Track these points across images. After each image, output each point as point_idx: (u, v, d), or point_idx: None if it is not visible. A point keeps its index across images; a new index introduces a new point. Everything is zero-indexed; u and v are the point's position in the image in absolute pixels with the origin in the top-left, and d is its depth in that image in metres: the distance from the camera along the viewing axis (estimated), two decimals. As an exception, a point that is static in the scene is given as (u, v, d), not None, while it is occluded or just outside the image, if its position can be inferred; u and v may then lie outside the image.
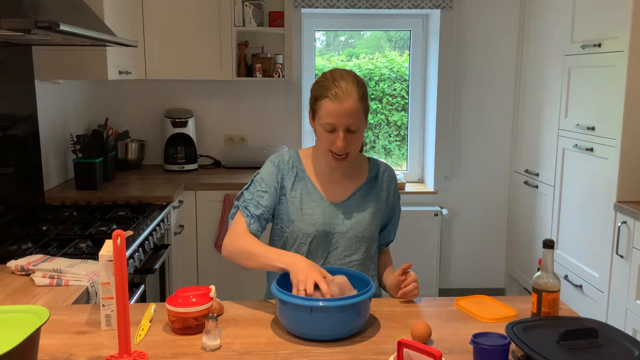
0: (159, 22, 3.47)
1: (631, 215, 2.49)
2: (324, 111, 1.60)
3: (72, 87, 3.38)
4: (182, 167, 3.70)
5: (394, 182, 1.82)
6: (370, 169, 1.80)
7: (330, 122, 1.60)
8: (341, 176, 1.75)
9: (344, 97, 1.58)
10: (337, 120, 1.59)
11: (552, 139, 3.27)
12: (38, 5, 1.85)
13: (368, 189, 1.76)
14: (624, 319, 2.54)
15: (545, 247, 1.37)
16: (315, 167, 1.75)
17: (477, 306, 1.55)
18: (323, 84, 1.63)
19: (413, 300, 1.60)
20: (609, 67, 2.70)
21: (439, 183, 3.95)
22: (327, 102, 1.59)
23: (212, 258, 3.43)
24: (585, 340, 1.22)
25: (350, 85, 1.60)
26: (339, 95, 1.58)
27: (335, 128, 1.61)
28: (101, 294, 1.38)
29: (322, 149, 1.67)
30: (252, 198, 1.70)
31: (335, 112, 1.59)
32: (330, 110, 1.59)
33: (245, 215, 1.68)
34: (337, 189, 1.74)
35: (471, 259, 4.03)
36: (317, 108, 1.63)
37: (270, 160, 1.76)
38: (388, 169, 1.82)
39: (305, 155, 1.78)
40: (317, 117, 1.64)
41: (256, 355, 1.27)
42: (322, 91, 1.61)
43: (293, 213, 1.70)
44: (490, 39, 3.83)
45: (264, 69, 3.69)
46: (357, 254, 1.71)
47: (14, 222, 2.39)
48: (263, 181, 1.71)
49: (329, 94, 1.59)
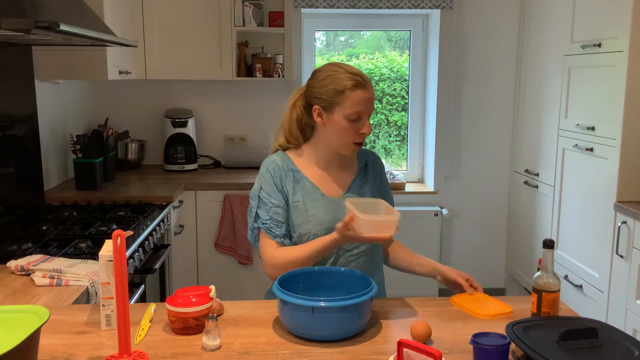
0: (159, 22, 3.48)
1: (631, 215, 2.49)
2: (352, 101, 1.61)
3: (72, 87, 3.38)
4: (182, 167, 3.70)
5: (382, 170, 1.86)
6: (359, 158, 1.82)
7: (359, 109, 1.62)
8: (335, 170, 1.76)
9: (367, 84, 1.64)
10: (365, 107, 1.63)
11: (552, 139, 3.27)
12: (38, 5, 1.85)
13: (363, 179, 1.78)
14: (624, 319, 2.54)
15: (545, 247, 1.37)
16: (309, 166, 1.75)
17: (473, 303, 1.55)
18: (339, 76, 1.63)
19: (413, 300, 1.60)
20: (609, 67, 2.70)
21: (439, 183, 3.95)
22: (355, 91, 1.61)
23: (212, 258, 3.43)
24: (585, 340, 1.22)
25: (363, 72, 1.66)
26: (364, 83, 1.63)
27: (361, 116, 1.63)
28: (101, 294, 1.38)
29: (340, 142, 1.67)
30: (270, 217, 1.67)
31: (364, 100, 1.62)
32: (360, 98, 1.62)
33: (273, 237, 1.67)
34: (335, 184, 1.75)
35: (471, 259, 4.03)
36: (339, 100, 1.62)
37: (265, 168, 1.73)
38: (375, 156, 1.86)
39: (296, 156, 1.76)
40: (339, 109, 1.63)
41: (256, 355, 1.27)
42: (343, 82, 1.62)
43: (299, 217, 1.68)
44: (490, 39, 3.84)
45: (264, 69, 3.69)
46: (364, 245, 1.72)
47: (14, 222, 2.39)
48: (270, 196, 1.69)
49: (354, 83, 1.61)
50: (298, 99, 1.75)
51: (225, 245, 3.41)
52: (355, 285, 1.46)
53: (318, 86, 1.66)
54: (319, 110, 1.66)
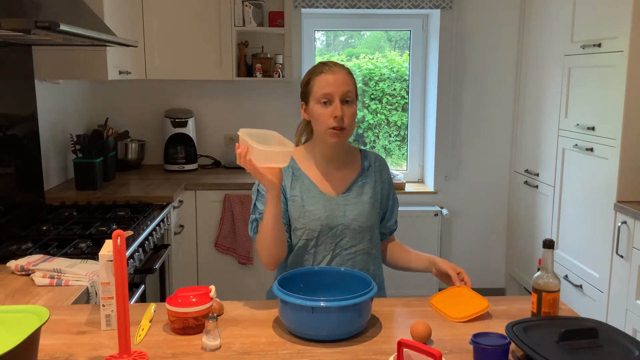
0: (159, 22, 3.48)
1: (631, 215, 2.49)
2: (319, 85, 1.68)
3: (72, 87, 3.38)
4: (182, 167, 3.70)
5: (386, 171, 1.85)
6: (362, 159, 1.83)
7: (326, 91, 1.67)
8: (336, 169, 1.77)
9: (335, 69, 1.70)
10: (333, 89, 1.67)
11: (552, 139, 3.27)
12: (38, 5, 1.85)
13: (364, 180, 1.79)
14: (624, 319, 2.54)
15: (545, 247, 1.37)
16: (310, 164, 1.77)
17: (450, 302, 1.53)
18: (312, 69, 1.75)
19: (413, 300, 1.60)
20: (609, 67, 2.70)
21: (439, 183, 3.95)
22: (321, 76, 1.69)
23: (212, 258, 3.43)
24: (585, 340, 1.22)
25: (338, 63, 1.73)
26: (330, 69, 1.69)
27: (331, 99, 1.67)
28: (101, 294, 1.38)
29: (321, 130, 1.70)
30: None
31: (330, 82, 1.67)
32: (325, 81, 1.68)
33: None
34: (334, 182, 1.76)
35: (471, 259, 4.03)
36: (310, 89, 1.70)
37: None
38: (379, 158, 1.86)
39: (298, 154, 1.79)
40: (312, 97, 1.70)
41: (256, 355, 1.27)
42: (313, 71, 1.72)
43: (295, 211, 1.71)
44: (490, 39, 3.84)
45: (264, 69, 3.69)
46: (362, 244, 1.74)
47: (14, 222, 2.39)
48: None
49: (321, 70, 1.69)
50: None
51: (225, 245, 3.41)
52: (355, 285, 1.46)
53: (301, 84, 1.76)
54: (304, 106, 1.75)
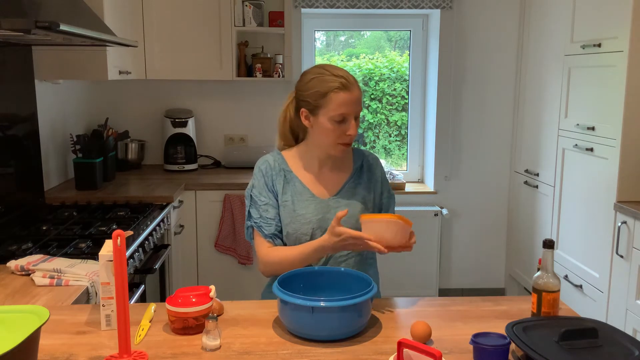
0: (159, 22, 3.48)
1: (631, 215, 2.49)
2: (335, 103, 1.61)
3: (72, 87, 3.38)
4: (182, 167, 3.70)
5: (378, 169, 1.82)
6: (355, 159, 1.81)
7: (343, 112, 1.62)
8: (329, 171, 1.76)
9: (352, 86, 1.63)
10: (349, 109, 1.62)
11: (552, 139, 3.27)
12: (38, 5, 1.85)
13: (356, 180, 1.77)
14: (624, 319, 2.54)
15: (545, 247, 1.37)
16: (302, 166, 1.76)
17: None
18: (323, 78, 1.63)
19: (413, 300, 1.60)
20: (609, 67, 2.70)
21: (439, 183, 3.95)
22: (338, 93, 1.61)
23: (212, 258, 3.43)
24: (585, 340, 1.22)
25: (349, 73, 1.66)
26: (347, 85, 1.62)
27: (345, 118, 1.63)
28: (101, 294, 1.38)
29: (328, 143, 1.67)
30: (260, 216, 1.71)
31: (347, 101, 1.62)
32: (342, 100, 1.61)
33: (264, 237, 1.70)
34: (326, 184, 1.75)
35: (471, 259, 4.03)
36: (323, 103, 1.63)
37: (257, 168, 1.76)
38: (372, 157, 1.84)
39: (290, 156, 1.77)
40: (323, 112, 1.63)
41: (256, 355, 1.27)
42: (327, 85, 1.62)
43: (287, 216, 1.70)
44: (490, 39, 3.83)
45: (264, 69, 3.69)
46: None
47: (14, 222, 2.39)
48: (261, 194, 1.72)
49: (338, 85, 1.61)
50: (290, 102, 1.77)
51: (225, 245, 3.41)
52: (355, 285, 1.46)
53: (304, 89, 1.67)
54: (306, 114, 1.68)
